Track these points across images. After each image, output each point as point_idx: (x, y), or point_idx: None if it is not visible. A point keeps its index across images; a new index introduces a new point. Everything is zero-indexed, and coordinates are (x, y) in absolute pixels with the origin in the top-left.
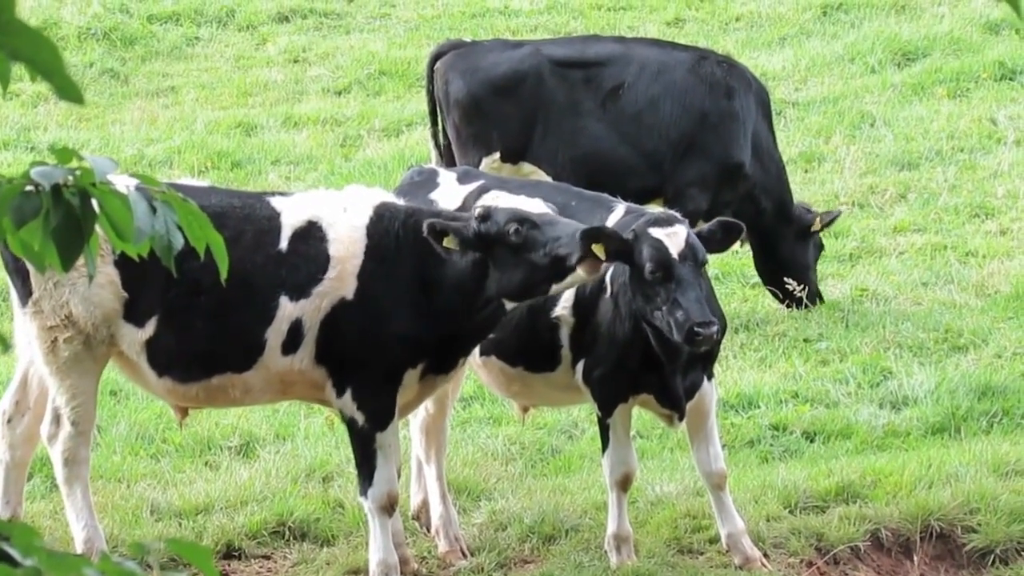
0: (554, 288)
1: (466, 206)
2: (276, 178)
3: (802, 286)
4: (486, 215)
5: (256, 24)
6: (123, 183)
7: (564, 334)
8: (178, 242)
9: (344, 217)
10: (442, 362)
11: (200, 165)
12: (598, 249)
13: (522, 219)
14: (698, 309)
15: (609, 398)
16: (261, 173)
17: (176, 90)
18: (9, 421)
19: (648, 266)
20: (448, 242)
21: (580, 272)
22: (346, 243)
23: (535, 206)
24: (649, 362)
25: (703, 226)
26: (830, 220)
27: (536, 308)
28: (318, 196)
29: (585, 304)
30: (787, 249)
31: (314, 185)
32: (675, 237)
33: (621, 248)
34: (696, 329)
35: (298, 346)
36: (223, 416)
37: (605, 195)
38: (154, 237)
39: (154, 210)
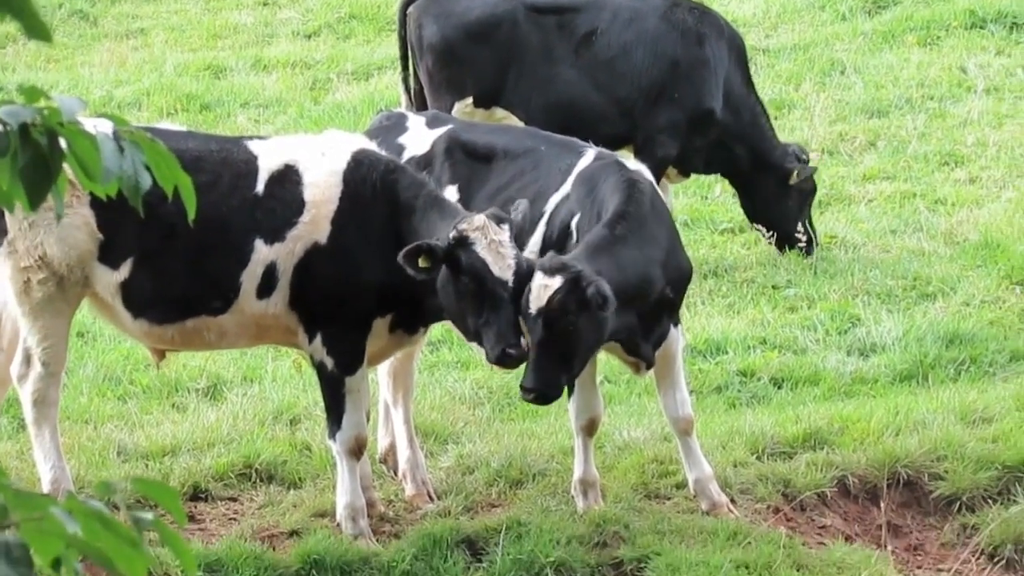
0: None
1: (435, 150)
2: (245, 121)
3: (771, 233)
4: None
5: None
6: (93, 125)
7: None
8: (146, 182)
9: (321, 162)
10: (411, 320)
11: (169, 107)
12: None
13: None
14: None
15: None
16: (230, 116)
17: (145, 32)
18: None
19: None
20: (423, 261)
21: None
22: (322, 188)
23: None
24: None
25: (589, 282)
26: (806, 175)
27: None
28: (296, 140)
29: (552, 249)
30: (766, 195)
31: (283, 128)
32: (545, 290)
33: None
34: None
35: (272, 290)
36: (191, 358)
37: (575, 140)
38: (122, 177)
39: (122, 150)
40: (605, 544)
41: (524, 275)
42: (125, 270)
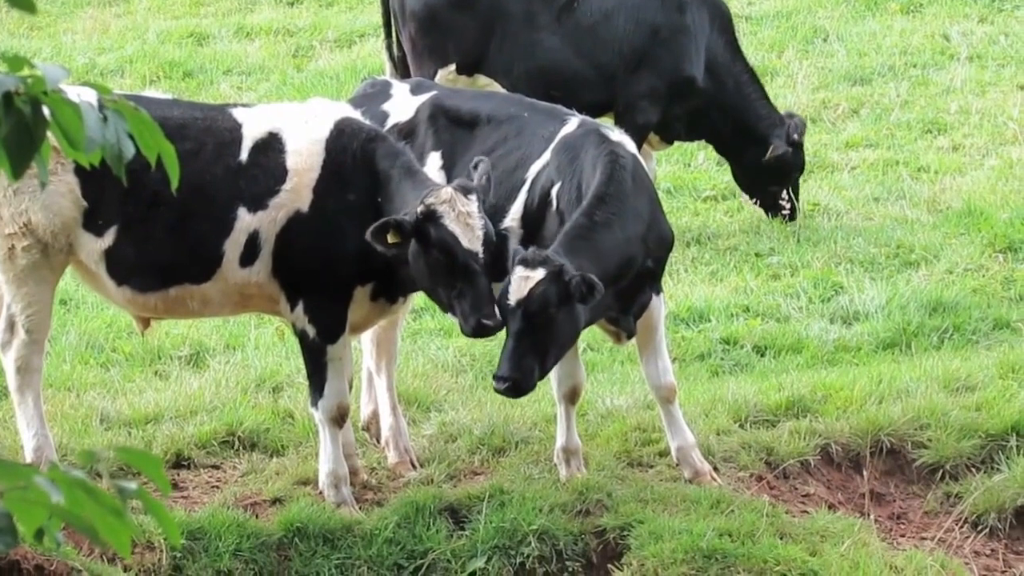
0: None
1: (418, 117)
2: (228, 88)
3: (754, 200)
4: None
5: None
6: (76, 93)
7: (513, 246)
8: (129, 151)
9: (304, 129)
10: (392, 289)
11: (152, 75)
12: None
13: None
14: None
15: None
16: (213, 83)
17: None
18: None
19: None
20: (391, 237)
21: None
22: (304, 155)
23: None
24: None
25: (573, 275)
26: (779, 155)
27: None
28: (280, 108)
29: (532, 216)
30: (749, 165)
31: (266, 96)
32: (526, 282)
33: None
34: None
35: (255, 258)
36: (173, 326)
37: (559, 107)
38: (105, 146)
39: (105, 119)
40: (588, 512)
41: (493, 244)
42: (109, 238)
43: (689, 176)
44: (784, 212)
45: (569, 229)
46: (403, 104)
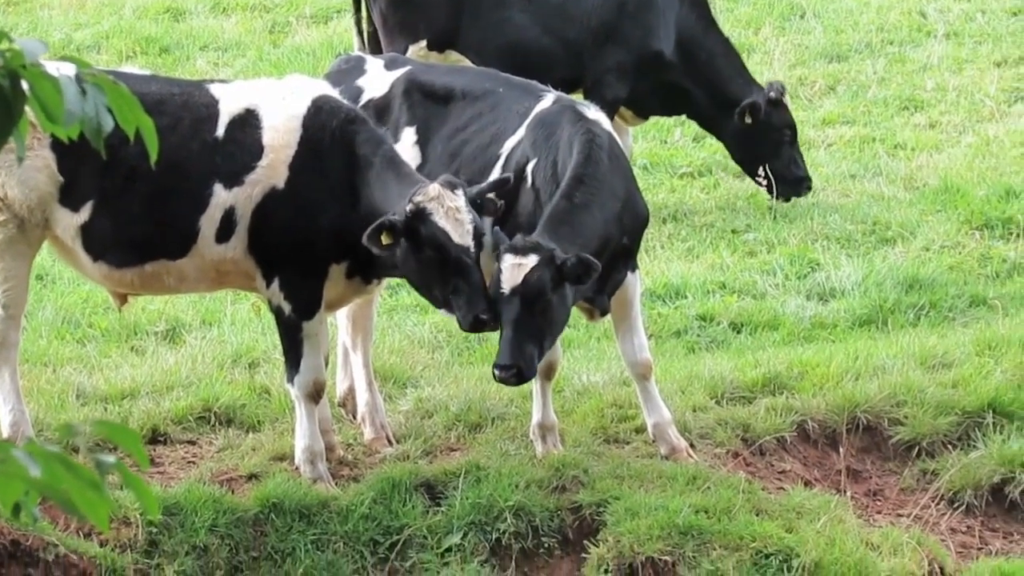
0: None
1: (393, 92)
2: (204, 64)
3: (761, 176)
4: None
5: None
6: (55, 67)
7: (488, 220)
8: (108, 125)
9: (282, 106)
10: (367, 269)
11: (128, 50)
12: None
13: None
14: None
15: None
16: (189, 59)
17: None
18: None
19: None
20: (385, 238)
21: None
22: (281, 132)
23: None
24: None
25: (566, 258)
26: (748, 107)
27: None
28: (258, 85)
29: (507, 191)
30: (733, 136)
31: (242, 71)
32: (518, 269)
33: None
34: (494, 370)
35: (231, 235)
36: (150, 302)
37: (535, 83)
38: (84, 119)
39: (84, 93)
40: (564, 488)
41: (482, 238)
42: (85, 213)
43: (666, 152)
44: (795, 181)
45: (551, 213)
46: (377, 79)
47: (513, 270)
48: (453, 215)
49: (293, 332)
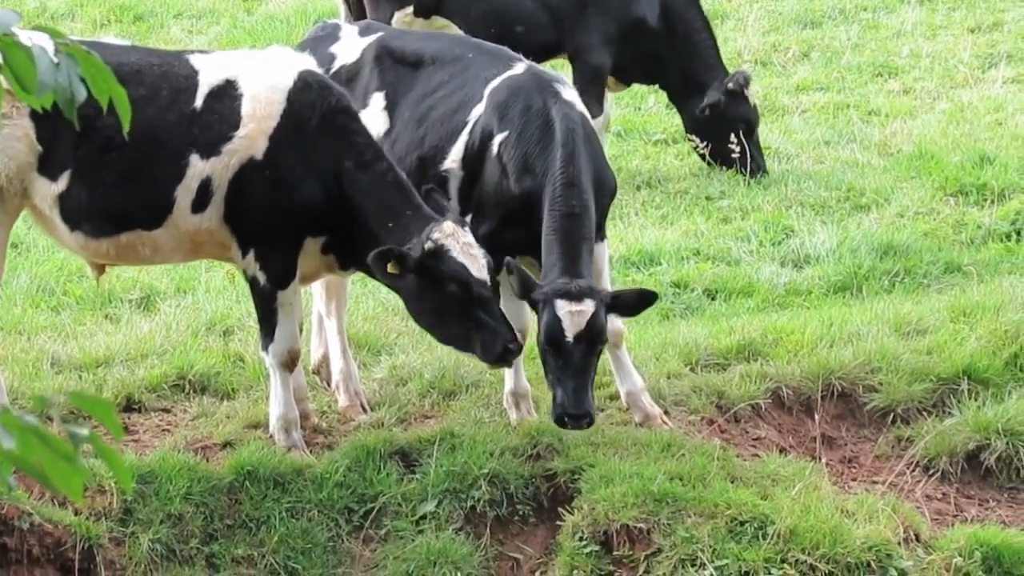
0: None
1: (364, 58)
2: (179, 32)
3: (706, 143)
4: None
5: None
6: (28, 37)
7: (453, 187)
8: (80, 94)
9: (264, 77)
10: (345, 254)
11: (102, 18)
12: None
13: (463, 283)
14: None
15: (495, 255)
16: (163, 27)
17: None
18: None
19: (542, 339)
20: (392, 267)
21: None
22: (263, 103)
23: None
24: (532, 225)
25: (622, 292)
26: (710, 103)
27: (426, 162)
28: (239, 55)
29: (473, 159)
30: (690, 119)
31: (216, 39)
32: (580, 316)
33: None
34: (566, 419)
35: (207, 205)
36: (124, 269)
37: (506, 50)
38: (57, 89)
39: (57, 63)
40: (539, 456)
41: (493, 273)
42: (63, 182)
43: (639, 119)
44: (734, 161)
45: (566, 235)
46: (350, 46)
47: (573, 317)
48: (467, 250)
49: (268, 301)
